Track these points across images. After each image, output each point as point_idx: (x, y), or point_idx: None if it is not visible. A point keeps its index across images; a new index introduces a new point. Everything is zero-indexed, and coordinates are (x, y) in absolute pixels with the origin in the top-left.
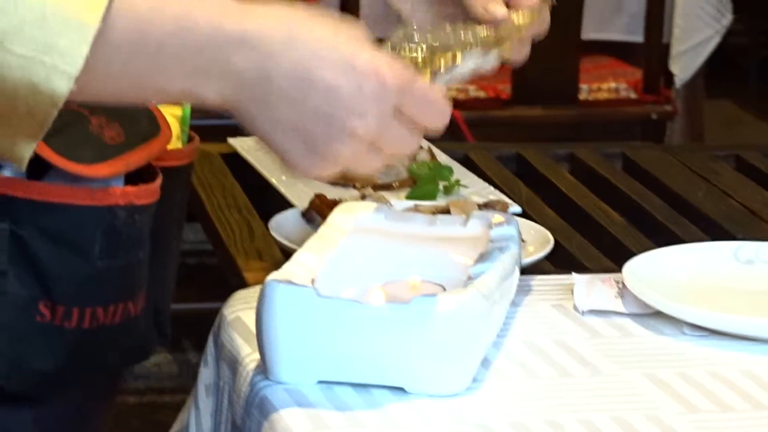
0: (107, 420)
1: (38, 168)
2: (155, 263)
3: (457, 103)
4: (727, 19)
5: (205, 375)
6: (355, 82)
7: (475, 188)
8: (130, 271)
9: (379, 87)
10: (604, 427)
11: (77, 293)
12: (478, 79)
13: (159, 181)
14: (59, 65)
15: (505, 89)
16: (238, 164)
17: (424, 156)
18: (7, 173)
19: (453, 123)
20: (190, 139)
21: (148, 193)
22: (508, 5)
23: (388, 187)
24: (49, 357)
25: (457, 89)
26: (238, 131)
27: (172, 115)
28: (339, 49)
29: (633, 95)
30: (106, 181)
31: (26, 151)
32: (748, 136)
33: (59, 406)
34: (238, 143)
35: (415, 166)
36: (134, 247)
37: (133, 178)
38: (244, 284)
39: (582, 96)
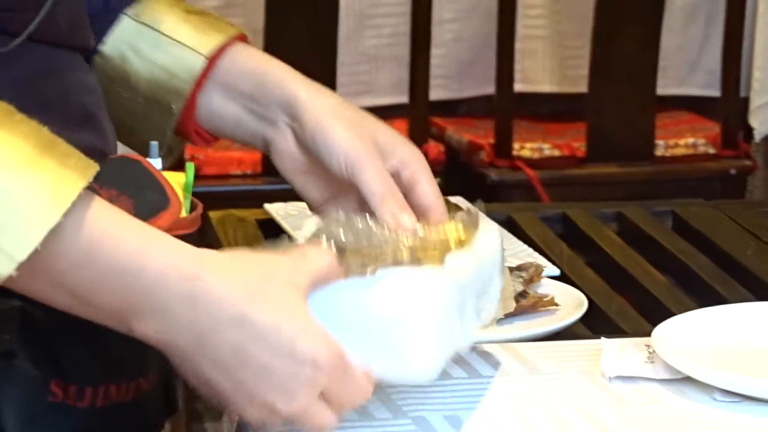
0: None
1: None
2: None
3: (531, 163)
4: None
5: None
6: (291, 368)
7: (512, 250)
8: (143, 348)
9: (312, 375)
10: None
11: (89, 372)
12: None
13: None
14: (7, 248)
15: (580, 147)
16: (274, 231)
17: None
18: None
19: (528, 183)
20: (193, 207)
21: None
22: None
23: None
24: None
25: (531, 148)
26: (276, 197)
27: (176, 183)
28: (282, 335)
29: (711, 150)
30: None
31: None
32: None
33: None
34: (274, 209)
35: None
36: None
37: None
38: None
39: (659, 152)
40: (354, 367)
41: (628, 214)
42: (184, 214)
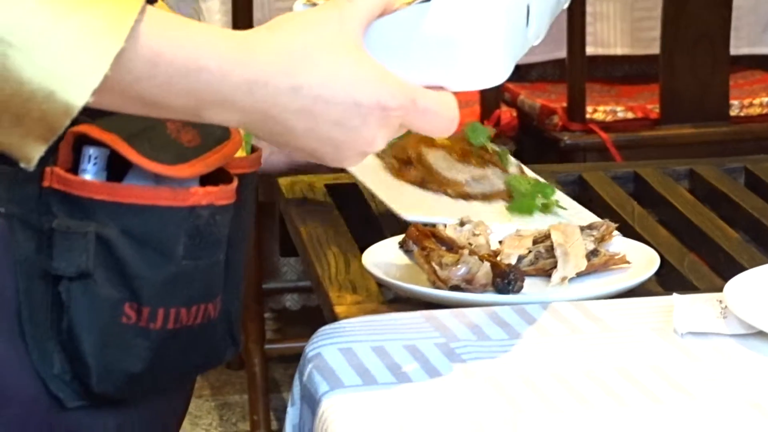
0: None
1: (118, 170)
2: (227, 269)
3: (605, 125)
4: None
5: (292, 415)
6: (360, 116)
7: (572, 212)
8: (211, 272)
9: (382, 116)
10: None
11: (162, 294)
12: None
13: (236, 182)
14: (79, 79)
15: (654, 109)
16: (343, 194)
17: (514, 171)
18: (89, 177)
19: (602, 146)
20: (254, 150)
21: (227, 194)
22: None
23: (481, 196)
24: (135, 358)
25: (604, 111)
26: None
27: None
28: (340, 88)
29: None
30: (184, 183)
31: (36, 151)
32: None
33: (141, 412)
34: None
35: (513, 178)
36: (214, 247)
37: (207, 181)
38: (336, 319)
39: (734, 112)
40: (426, 98)
41: (700, 172)
42: (244, 153)
